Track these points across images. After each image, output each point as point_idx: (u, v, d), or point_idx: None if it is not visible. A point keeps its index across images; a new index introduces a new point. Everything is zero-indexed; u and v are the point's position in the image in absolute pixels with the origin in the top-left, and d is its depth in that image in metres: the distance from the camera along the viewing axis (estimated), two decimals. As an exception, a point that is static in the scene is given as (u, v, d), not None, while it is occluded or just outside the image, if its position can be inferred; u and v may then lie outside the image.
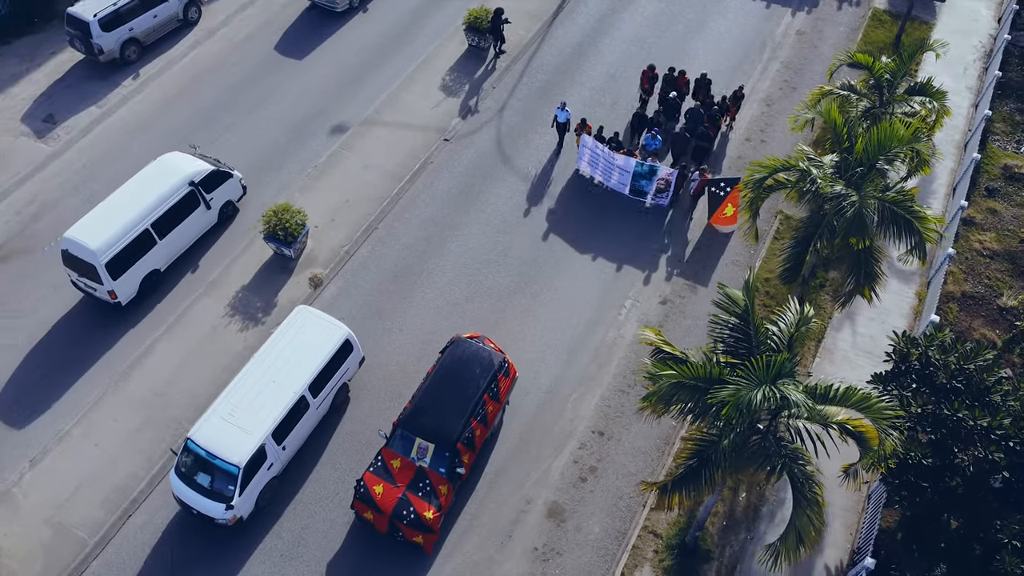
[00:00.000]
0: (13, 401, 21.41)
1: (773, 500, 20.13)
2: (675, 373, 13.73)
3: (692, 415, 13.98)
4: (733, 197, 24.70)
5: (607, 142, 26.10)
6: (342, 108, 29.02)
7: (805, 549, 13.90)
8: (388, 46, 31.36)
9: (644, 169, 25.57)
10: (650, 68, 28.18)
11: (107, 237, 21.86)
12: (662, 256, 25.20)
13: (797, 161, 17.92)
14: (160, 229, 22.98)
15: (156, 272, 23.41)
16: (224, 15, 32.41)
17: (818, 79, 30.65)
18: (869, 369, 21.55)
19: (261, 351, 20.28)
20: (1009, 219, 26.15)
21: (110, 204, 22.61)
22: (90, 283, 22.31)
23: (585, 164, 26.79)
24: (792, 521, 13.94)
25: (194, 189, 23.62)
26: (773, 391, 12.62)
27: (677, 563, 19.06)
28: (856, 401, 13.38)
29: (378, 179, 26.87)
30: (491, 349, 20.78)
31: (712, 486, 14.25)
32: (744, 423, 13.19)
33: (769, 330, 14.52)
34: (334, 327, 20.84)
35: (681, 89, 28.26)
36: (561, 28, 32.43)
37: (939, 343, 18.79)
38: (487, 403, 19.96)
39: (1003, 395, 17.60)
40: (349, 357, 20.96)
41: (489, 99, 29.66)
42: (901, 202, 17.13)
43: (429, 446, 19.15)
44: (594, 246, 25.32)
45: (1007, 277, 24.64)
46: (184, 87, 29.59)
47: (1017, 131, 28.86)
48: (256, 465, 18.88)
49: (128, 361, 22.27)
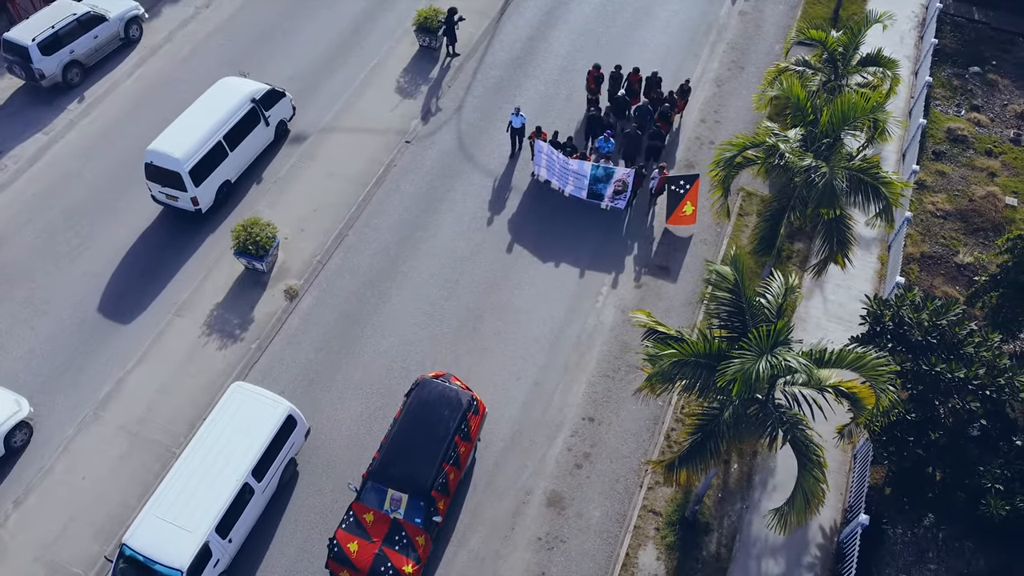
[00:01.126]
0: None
1: (764, 469, 20.67)
2: (676, 352, 14.06)
3: (695, 391, 14.33)
4: (692, 195, 24.78)
5: (562, 147, 25.92)
6: (299, 117, 28.74)
7: (812, 509, 14.37)
8: (338, 52, 31.16)
9: (600, 172, 25.43)
10: (595, 68, 27.99)
11: (188, 147, 24.12)
12: (633, 242, 25.58)
13: (764, 137, 18.44)
14: (230, 142, 25.32)
15: (228, 183, 25.72)
16: (166, 31, 31.78)
17: (763, 57, 31.46)
18: (842, 334, 22.33)
19: (196, 438, 18.90)
20: (957, 180, 27.23)
21: (183, 122, 24.93)
22: (173, 192, 24.44)
23: (543, 170, 26.60)
24: (798, 483, 14.41)
25: (255, 106, 26.06)
26: (777, 359, 13.03)
27: (679, 538, 19.46)
28: (851, 361, 13.90)
29: (343, 186, 26.71)
30: (458, 388, 20.07)
31: (718, 458, 14.64)
32: (749, 394, 13.57)
33: (759, 302, 14.94)
34: (274, 403, 19.53)
35: (634, 87, 28.17)
36: (510, 23, 32.62)
37: (910, 302, 19.57)
38: (459, 444, 19.32)
39: (975, 346, 18.42)
40: (294, 432, 19.69)
41: (446, 99, 29.70)
42: (867, 169, 17.77)
43: (402, 496, 18.41)
44: (566, 235, 25.59)
45: (961, 235, 25.67)
46: (133, 107, 28.95)
47: (956, 95, 30.04)
48: (201, 565, 17.46)
49: (103, 392, 21.76)
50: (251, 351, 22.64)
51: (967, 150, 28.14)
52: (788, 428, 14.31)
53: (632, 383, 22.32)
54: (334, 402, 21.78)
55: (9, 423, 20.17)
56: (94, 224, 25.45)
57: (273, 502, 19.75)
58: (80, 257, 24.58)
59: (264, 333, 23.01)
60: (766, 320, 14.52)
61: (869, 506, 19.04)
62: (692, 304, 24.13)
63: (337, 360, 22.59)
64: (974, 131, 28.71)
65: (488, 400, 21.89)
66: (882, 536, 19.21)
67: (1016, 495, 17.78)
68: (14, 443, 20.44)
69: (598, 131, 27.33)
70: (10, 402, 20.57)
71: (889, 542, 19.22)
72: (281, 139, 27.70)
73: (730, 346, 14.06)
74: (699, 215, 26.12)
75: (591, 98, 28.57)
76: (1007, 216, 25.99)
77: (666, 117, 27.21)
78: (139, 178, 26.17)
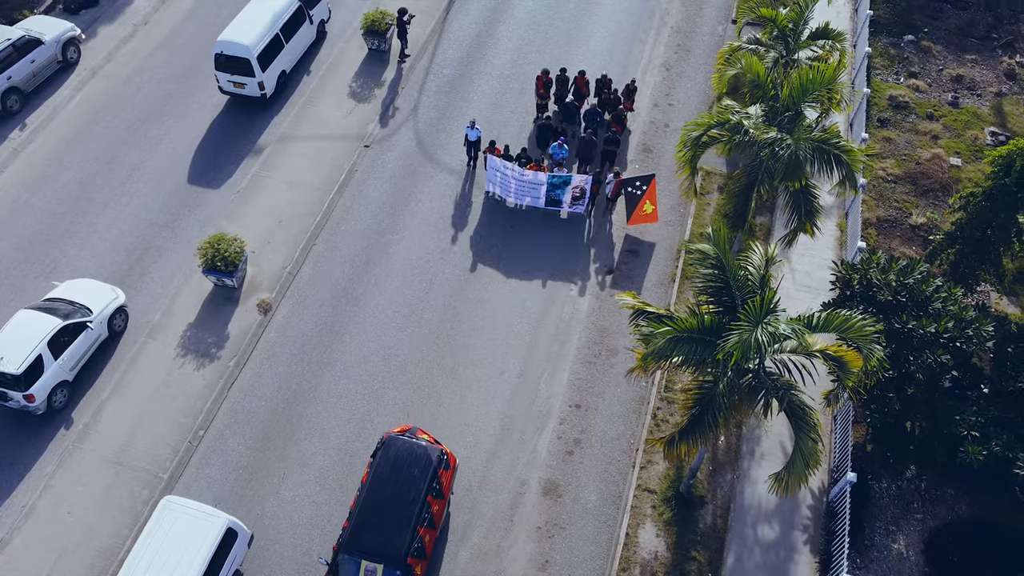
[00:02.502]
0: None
1: (750, 439, 21.21)
2: (671, 329, 14.38)
3: (691, 366, 14.67)
4: (651, 194, 24.76)
5: (516, 159, 25.53)
6: (252, 129, 28.34)
7: (811, 470, 14.85)
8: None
9: (557, 180, 25.09)
10: (544, 73, 27.61)
11: (254, 36, 27.40)
12: (599, 233, 25.91)
13: (728, 115, 18.89)
14: (286, 34, 28.61)
15: (284, 73, 29.01)
16: (105, 51, 30.95)
17: (708, 39, 32.12)
18: (809, 302, 23.03)
19: (126, 565, 17.23)
20: (903, 145, 28.23)
21: (243, 17, 28.11)
22: (241, 79, 27.62)
23: (496, 187, 26.00)
24: (796, 447, 14.87)
25: (301, 4, 29.40)
26: (772, 328, 13.43)
27: (676, 514, 19.85)
28: (838, 324, 14.39)
29: (306, 195, 26.45)
30: (426, 443, 19.04)
31: (716, 430, 15.02)
32: (747, 362, 13.95)
33: (743, 274, 15.35)
34: (211, 518, 17.87)
35: (581, 90, 27.87)
36: (456, 21, 32.65)
37: (876, 265, 20.29)
38: (431, 504, 18.32)
39: (942, 301, 19.19)
40: (235, 544, 18.15)
41: (400, 100, 29.61)
42: (828, 139, 18.37)
43: (377, 567, 17.43)
44: (535, 231, 25.78)
45: (912, 197, 26.64)
46: (79, 131, 28.16)
47: (894, 64, 31.11)
48: None
49: (81, 423, 21.22)
50: (229, 369, 22.32)
51: (909, 116, 29.18)
52: (783, 394, 14.75)
53: (614, 367, 22.67)
54: (320, 413, 21.61)
55: (110, 308, 22.21)
56: (50, 252, 24.72)
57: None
58: (39, 285, 23.86)
59: (241, 349, 22.69)
60: (751, 292, 14.93)
61: (854, 464, 19.69)
62: (664, 284, 24.58)
63: (319, 370, 22.42)
64: (914, 97, 29.78)
65: (474, 396, 22.02)
66: (869, 492, 19.90)
67: (991, 439, 18.60)
68: (116, 327, 22.57)
69: (551, 138, 26.98)
70: (107, 291, 22.60)
71: (876, 497, 19.92)
72: (321, 38, 31.29)
73: (721, 319, 14.43)
74: (660, 198, 26.58)
75: (540, 103, 28.30)
76: (953, 176, 27.05)
77: (620, 120, 27.15)
78: (96, 202, 25.55)
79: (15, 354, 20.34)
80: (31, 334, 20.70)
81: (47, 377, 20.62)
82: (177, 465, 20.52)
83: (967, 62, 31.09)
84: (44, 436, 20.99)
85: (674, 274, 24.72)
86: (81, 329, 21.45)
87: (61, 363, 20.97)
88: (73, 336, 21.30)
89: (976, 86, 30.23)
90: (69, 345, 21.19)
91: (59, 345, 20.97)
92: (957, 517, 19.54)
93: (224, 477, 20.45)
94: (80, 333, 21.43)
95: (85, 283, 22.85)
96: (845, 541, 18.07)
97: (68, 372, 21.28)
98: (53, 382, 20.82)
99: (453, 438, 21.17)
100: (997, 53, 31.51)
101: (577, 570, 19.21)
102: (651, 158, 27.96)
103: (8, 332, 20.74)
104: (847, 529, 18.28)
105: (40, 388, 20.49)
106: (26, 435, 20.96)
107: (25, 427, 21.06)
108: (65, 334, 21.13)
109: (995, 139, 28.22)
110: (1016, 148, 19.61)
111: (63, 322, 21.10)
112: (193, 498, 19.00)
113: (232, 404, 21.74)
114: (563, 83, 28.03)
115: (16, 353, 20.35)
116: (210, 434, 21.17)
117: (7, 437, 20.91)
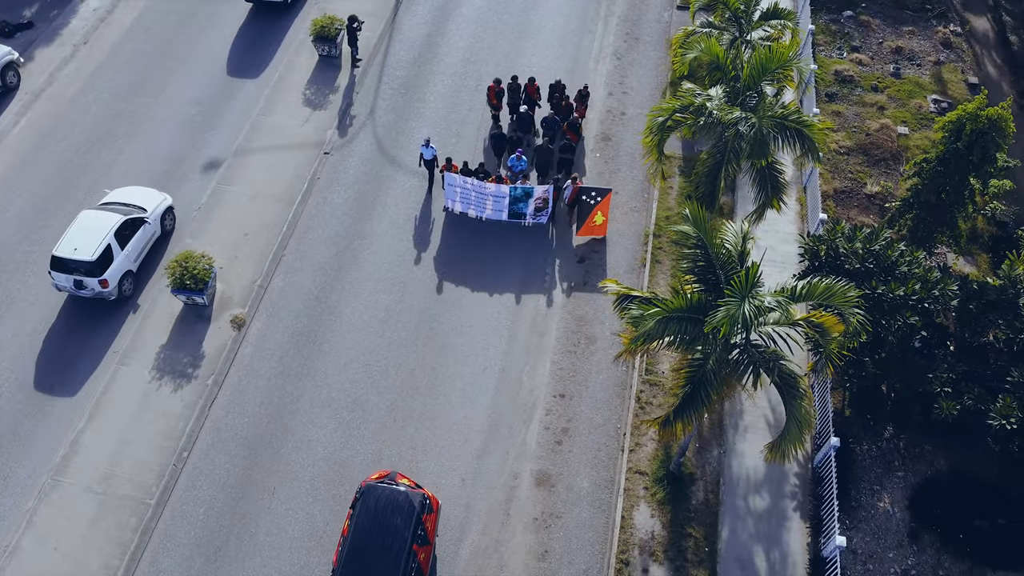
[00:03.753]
0: (-59, 530, 19.45)
1: (733, 414, 21.64)
2: (660, 310, 14.64)
3: (681, 345, 14.95)
4: (603, 206, 24.75)
5: (475, 173, 25.18)
6: (207, 144, 27.86)
7: (805, 435, 15.27)
8: (236, 72, 30.28)
9: (519, 192, 24.78)
10: (496, 83, 27.40)
11: None
12: (565, 228, 26.13)
13: (691, 99, 19.24)
14: None
15: None
16: (46, 74, 30.08)
17: (655, 26, 32.59)
18: (777, 276, 23.44)
19: None
20: (852, 117, 29.04)
21: None
22: None
23: (457, 203, 25.48)
24: (790, 414, 15.28)
25: None
26: (757, 301, 13.77)
27: (669, 493, 20.17)
28: (822, 292, 14.82)
29: (269, 206, 26.12)
30: (407, 489, 18.25)
31: (710, 405, 15.33)
32: (733, 338, 14.27)
33: (723, 251, 15.68)
34: None
35: (532, 97, 27.65)
36: (405, 22, 32.52)
37: (842, 234, 20.89)
38: (417, 553, 17.65)
39: (908, 264, 19.86)
40: None
41: (356, 105, 29.40)
42: (789, 115, 18.85)
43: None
44: (504, 229, 25.87)
45: (865, 168, 27.43)
46: (26, 157, 27.34)
47: (836, 39, 31.95)
48: None
49: (58, 455, 20.68)
50: (208, 387, 21.96)
51: (855, 89, 30.02)
52: (772, 365, 15.13)
53: (594, 354, 22.92)
54: (305, 424, 21.42)
55: (162, 207, 24.73)
56: (10, 283, 23.99)
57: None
58: (6, 315, 23.17)
59: (218, 367, 22.35)
60: (733, 268, 15.28)
61: (836, 430, 20.25)
62: (635, 270, 24.90)
63: (300, 382, 22.20)
64: (858, 70, 30.64)
65: (459, 394, 22.06)
66: (851, 455, 20.50)
67: (963, 394, 19.35)
68: (167, 226, 24.97)
69: (506, 148, 26.62)
70: (156, 194, 24.98)
71: (858, 459, 20.53)
72: None
73: (707, 297, 14.75)
74: (624, 183, 26.93)
75: (494, 113, 28.08)
76: (902, 144, 27.93)
77: (575, 128, 26.91)
78: (52, 229, 24.85)
79: (87, 244, 22.44)
80: (99, 228, 22.92)
81: (117, 264, 22.91)
82: (164, 489, 20.15)
83: (905, 34, 32.09)
84: (20, 471, 20.41)
85: (644, 259, 25.06)
86: (140, 224, 23.85)
87: (127, 253, 23.29)
88: (133, 231, 23.58)
89: (915, 56, 31.23)
90: (131, 238, 23.47)
91: (123, 238, 23.25)
92: (936, 471, 20.24)
93: (213, 497, 20.13)
94: (139, 228, 23.78)
95: (135, 189, 25.25)
96: (834, 504, 18.62)
97: (132, 263, 23.62)
98: (122, 270, 23.16)
99: (441, 438, 21.21)
100: (932, 23, 32.58)
101: (577, 557, 19.42)
102: (611, 146, 28.27)
103: (76, 228, 22.94)
104: (835, 492, 18.83)
105: (112, 274, 22.75)
106: (1, 473, 20.37)
107: (0, 464, 20.48)
108: (127, 228, 23.41)
109: (938, 106, 29.21)
110: (965, 113, 20.36)
111: (124, 217, 23.41)
112: (184, 520, 18.63)
113: (215, 422, 21.41)
114: (515, 91, 27.68)
115: (88, 243, 22.47)
116: (195, 455, 20.83)
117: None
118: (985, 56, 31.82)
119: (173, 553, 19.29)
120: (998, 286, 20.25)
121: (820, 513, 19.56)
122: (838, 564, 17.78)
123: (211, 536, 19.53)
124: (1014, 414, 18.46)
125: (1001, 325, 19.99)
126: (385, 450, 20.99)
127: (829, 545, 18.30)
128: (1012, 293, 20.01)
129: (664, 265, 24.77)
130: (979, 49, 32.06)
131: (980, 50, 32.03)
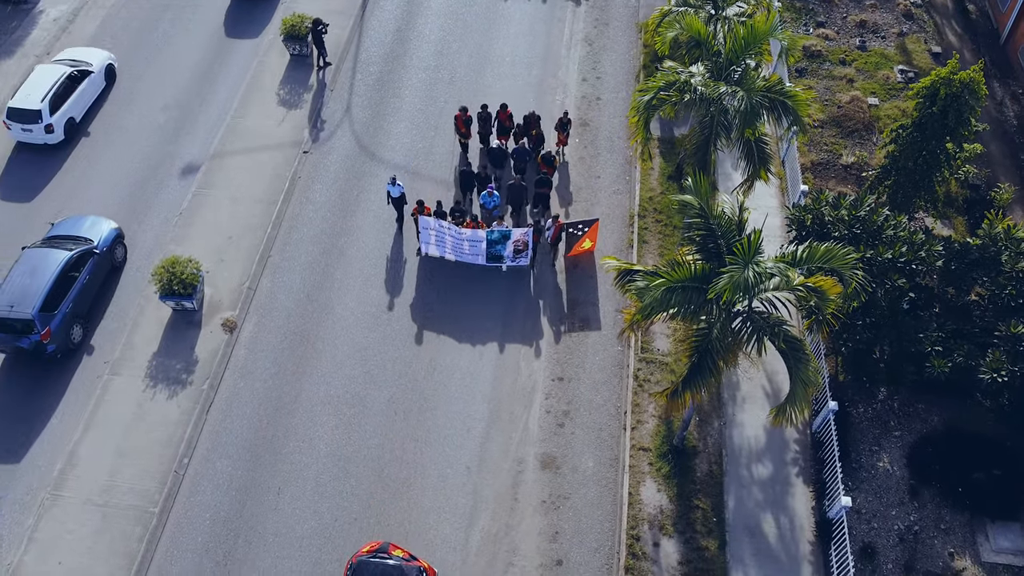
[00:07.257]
0: (-61, 553, 19.00)
1: (730, 386, 21.93)
2: (665, 280, 14.81)
3: (686, 315, 15.13)
4: (591, 234, 24.20)
5: (450, 214, 23.87)
6: (183, 149, 27.47)
7: (810, 395, 15.57)
8: (206, 76, 29.87)
9: (496, 235, 23.52)
10: (463, 111, 25.81)
11: None
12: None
13: (675, 76, 19.44)
14: None
15: None
16: (8, 87, 29.38)
17: (623, 11, 32.81)
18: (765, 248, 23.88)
19: None
20: (823, 91, 29.54)
21: None
22: None
23: (432, 247, 24.23)
24: (795, 377, 15.53)
25: None
26: (760, 266, 14.00)
27: (673, 467, 20.38)
28: (822, 255, 15.10)
29: (252, 208, 25.85)
30: (402, 562, 17.34)
31: (717, 374, 15.54)
32: (736, 305, 14.48)
33: (724, 219, 15.90)
34: None
35: (505, 124, 26.25)
36: (374, 18, 32.35)
37: (827, 203, 21.27)
38: None
39: (893, 228, 20.28)
40: None
41: (332, 103, 29.21)
42: (774, 87, 19.15)
43: None
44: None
45: (839, 139, 27.92)
46: (-4, 173, 26.77)
47: (801, 16, 32.47)
48: None
49: (55, 469, 20.30)
50: (204, 392, 21.70)
51: (824, 63, 30.54)
52: (776, 331, 15.38)
53: (589, 336, 23.08)
54: (305, 423, 21.27)
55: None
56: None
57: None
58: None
59: (213, 371, 22.09)
60: (733, 236, 15.51)
61: (832, 394, 20.62)
62: (623, 250, 25.07)
63: (297, 381, 22.05)
64: (825, 45, 31.17)
65: (457, 384, 22.07)
66: (848, 418, 20.90)
67: (953, 352, 19.81)
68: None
69: (475, 185, 25.36)
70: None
71: (855, 422, 20.93)
72: None
73: (710, 266, 14.95)
74: (605, 166, 27.13)
75: (463, 142, 26.80)
76: (873, 115, 28.48)
77: (550, 161, 25.34)
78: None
79: None
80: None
81: None
82: (167, 497, 19.89)
83: (867, 7, 32.69)
84: (17, 487, 20.00)
85: (631, 240, 25.25)
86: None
87: None
88: None
89: (879, 29, 31.85)
90: None
91: None
92: (932, 429, 20.72)
93: (218, 501, 19.92)
94: None
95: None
96: (837, 466, 18.97)
97: None
98: None
99: (443, 427, 21.20)
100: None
101: (588, 536, 19.56)
102: (589, 131, 28.42)
103: None
104: (837, 455, 19.19)
105: None
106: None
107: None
108: None
109: (904, 76, 29.82)
110: (939, 78, 20.82)
111: None
112: (190, 526, 18.39)
113: (213, 426, 21.18)
114: (485, 120, 26.31)
115: None
116: (196, 460, 20.59)
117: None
118: (946, 25, 32.54)
119: (181, 560, 19.06)
120: (979, 245, 20.76)
121: (823, 477, 19.93)
122: (844, 524, 18.13)
123: (219, 540, 19.33)
124: (1004, 367, 18.95)
125: (985, 282, 20.50)
126: (387, 443, 20.94)
127: (835, 506, 18.65)
128: (994, 251, 20.53)
129: (651, 245, 24.99)
130: (939, 19, 32.79)
131: (940, 20, 32.76)
